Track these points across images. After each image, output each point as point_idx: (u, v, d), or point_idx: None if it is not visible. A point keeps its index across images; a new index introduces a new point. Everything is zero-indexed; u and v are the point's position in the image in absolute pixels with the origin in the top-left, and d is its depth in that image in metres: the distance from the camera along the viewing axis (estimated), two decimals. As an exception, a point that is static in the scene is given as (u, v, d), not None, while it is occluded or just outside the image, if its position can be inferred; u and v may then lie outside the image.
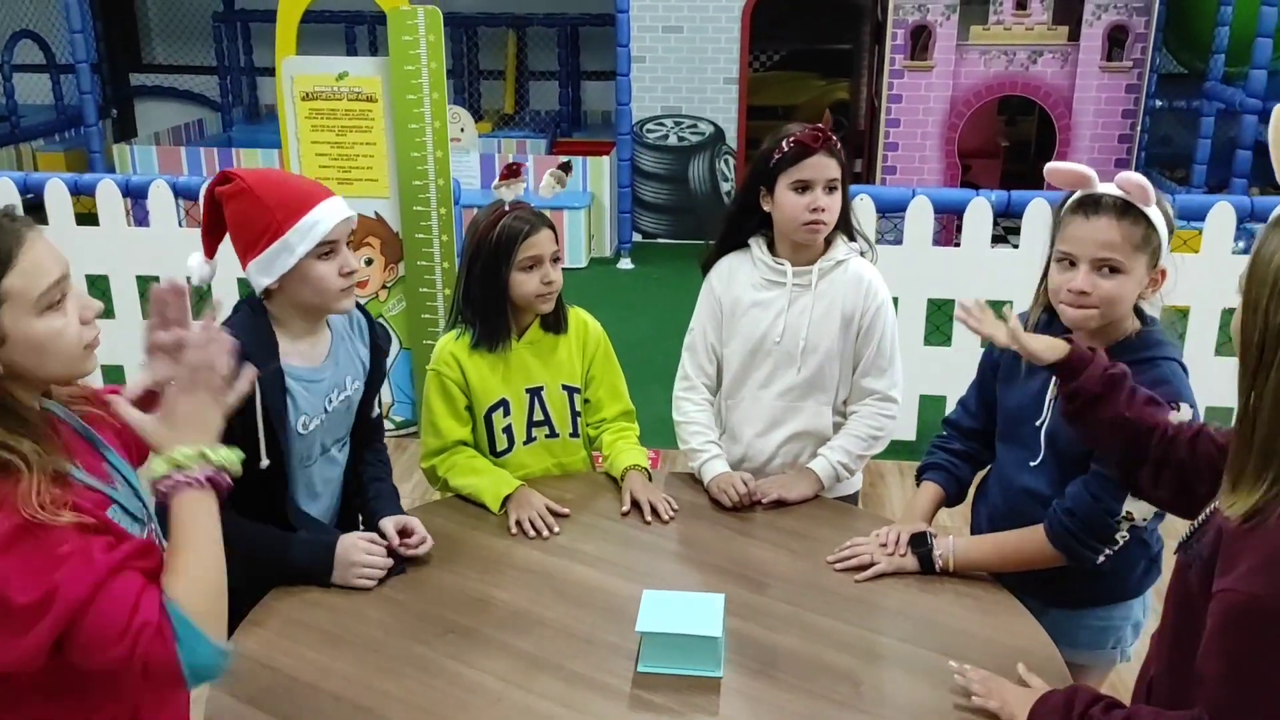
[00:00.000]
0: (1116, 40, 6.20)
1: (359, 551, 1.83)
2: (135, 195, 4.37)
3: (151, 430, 1.33)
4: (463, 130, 6.71)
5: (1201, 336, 3.95)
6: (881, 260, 4.12)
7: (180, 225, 4.31)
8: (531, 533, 2.02)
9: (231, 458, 1.34)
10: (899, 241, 4.08)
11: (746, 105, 7.21)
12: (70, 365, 1.33)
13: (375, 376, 2.10)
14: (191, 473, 1.30)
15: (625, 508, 2.12)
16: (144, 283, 4.38)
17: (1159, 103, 6.98)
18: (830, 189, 2.11)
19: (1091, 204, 1.75)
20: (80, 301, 1.34)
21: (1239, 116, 5.70)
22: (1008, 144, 7.63)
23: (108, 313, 4.37)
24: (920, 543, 1.88)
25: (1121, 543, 1.75)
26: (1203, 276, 3.70)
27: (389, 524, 1.93)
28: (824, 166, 2.09)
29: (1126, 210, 1.72)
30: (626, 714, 1.55)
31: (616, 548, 2.00)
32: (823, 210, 2.11)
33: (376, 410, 2.13)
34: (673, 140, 7.23)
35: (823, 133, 2.09)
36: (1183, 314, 4.05)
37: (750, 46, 7.17)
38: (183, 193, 4.27)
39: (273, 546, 1.84)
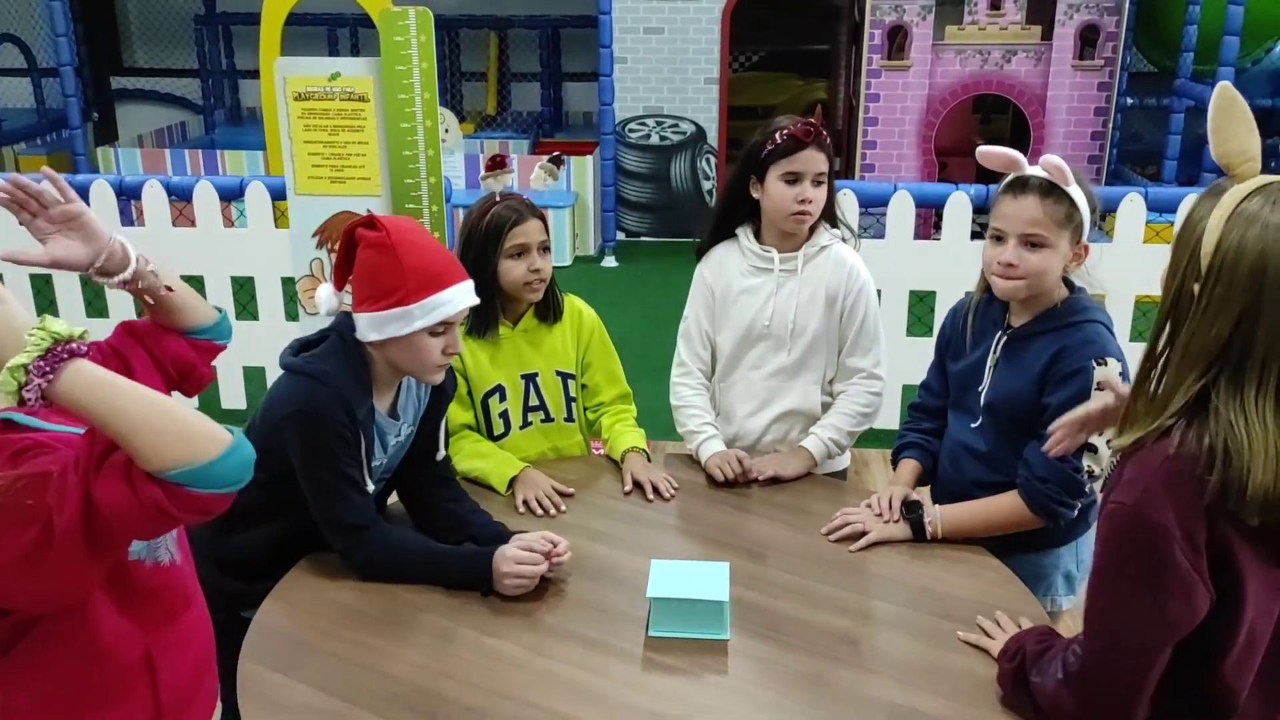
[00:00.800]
0: (1088, 40, 6.34)
1: (509, 563, 1.81)
2: (129, 195, 4.43)
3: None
4: (447, 131, 6.77)
5: (1173, 325, 4.06)
6: (864, 253, 4.23)
7: (172, 225, 4.37)
8: (539, 511, 2.10)
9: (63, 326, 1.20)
10: (881, 235, 4.19)
11: (727, 105, 7.31)
12: None
13: (434, 415, 2.05)
14: (55, 351, 1.17)
15: (627, 488, 2.20)
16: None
17: (1130, 100, 7.13)
18: (818, 182, 2.21)
19: (1020, 185, 1.90)
20: None
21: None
22: (983, 142, 7.77)
23: (101, 312, 4.42)
24: (913, 509, 1.99)
25: (1092, 495, 1.90)
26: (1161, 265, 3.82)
27: (530, 539, 1.89)
28: (814, 160, 2.19)
29: (1050, 190, 1.87)
30: (642, 676, 1.63)
31: (621, 524, 2.09)
32: (810, 202, 2.21)
33: (443, 451, 2.06)
34: (655, 140, 7.33)
35: (814, 127, 2.19)
36: (1156, 303, 4.18)
37: (730, 48, 7.28)
38: (175, 192, 4.33)
39: (432, 569, 1.86)
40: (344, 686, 1.60)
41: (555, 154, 2.34)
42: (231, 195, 4.35)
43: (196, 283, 4.42)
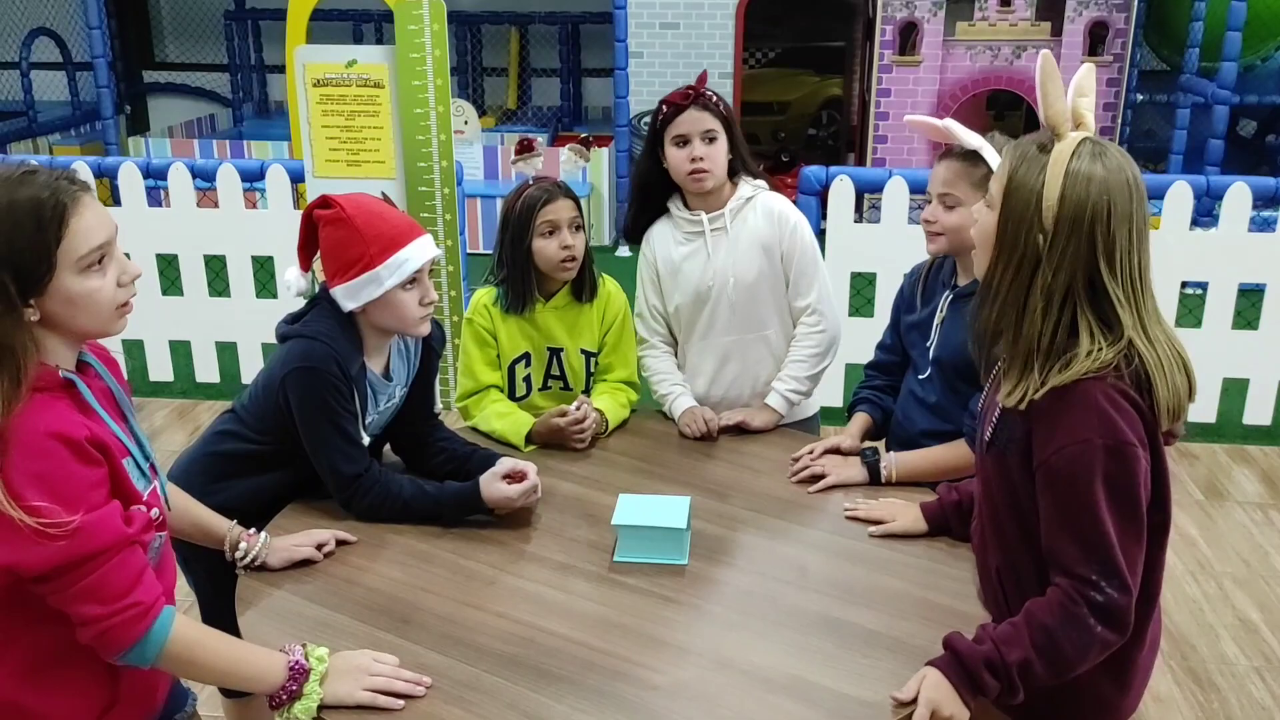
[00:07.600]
0: (1097, 36, 6.42)
1: (499, 491, 1.96)
2: (156, 178, 4.61)
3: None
4: (466, 123, 6.95)
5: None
6: (861, 237, 4.35)
7: (196, 206, 4.55)
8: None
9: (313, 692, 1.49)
10: (878, 220, 4.30)
11: (741, 101, 7.43)
12: (101, 324, 1.43)
13: (426, 374, 2.17)
14: (302, 662, 1.49)
15: (571, 406, 2.29)
16: (163, 260, 4.62)
17: (1140, 97, 7.18)
18: (708, 139, 2.30)
19: (946, 151, 2.08)
20: (120, 265, 1.46)
21: (1213, 108, 5.92)
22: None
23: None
24: (870, 455, 2.14)
25: None
26: (1159, 252, 3.92)
27: (504, 464, 2.02)
28: (697, 120, 2.29)
29: (967, 155, 2.02)
30: (603, 592, 1.78)
31: (597, 468, 2.23)
32: (701, 159, 2.30)
33: (439, 406, 2.11)
34: (669, 133, 7.45)
35: (693, 89, 2.31)
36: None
37: (745, 44, 7.40)
38: (200, 175, 4.51)
39: (428, 509, 1.98)
40: (330, 597, 1.75)
41: (585, 136, 2.48)
42: (253, 178, 4.52)
43: (219, 261, 4.63)
